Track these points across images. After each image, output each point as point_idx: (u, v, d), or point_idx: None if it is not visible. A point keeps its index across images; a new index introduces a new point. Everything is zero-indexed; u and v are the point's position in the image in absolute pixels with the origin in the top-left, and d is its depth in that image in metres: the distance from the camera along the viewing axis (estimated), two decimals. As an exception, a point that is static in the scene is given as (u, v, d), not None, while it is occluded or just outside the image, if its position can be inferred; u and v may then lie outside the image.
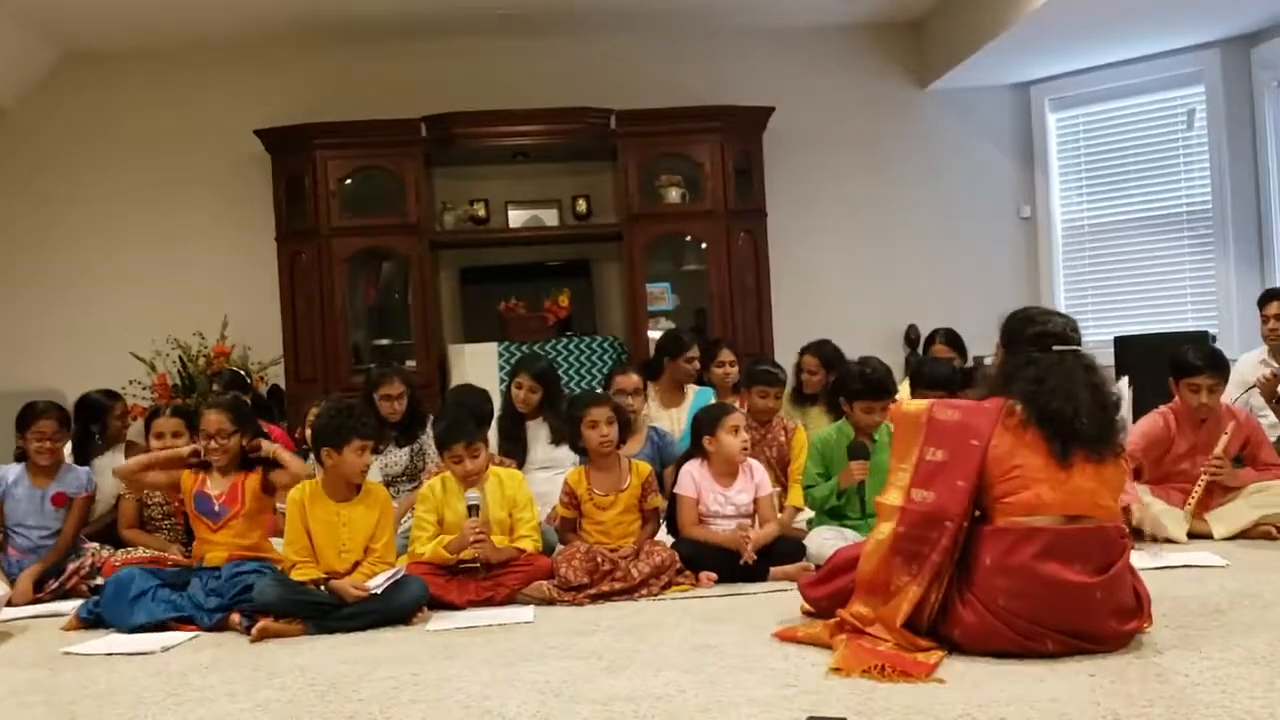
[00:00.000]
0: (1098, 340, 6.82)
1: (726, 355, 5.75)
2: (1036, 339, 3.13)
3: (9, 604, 4.13)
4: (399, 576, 3.75)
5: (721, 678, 2.86)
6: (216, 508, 4.04)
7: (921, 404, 3.20)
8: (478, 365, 6.62)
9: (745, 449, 4.23)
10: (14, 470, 4.68)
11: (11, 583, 4.35)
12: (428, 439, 5.22)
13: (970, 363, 6.03)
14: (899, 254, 7.47)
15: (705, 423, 4.27)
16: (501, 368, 6.62)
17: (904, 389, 5.33)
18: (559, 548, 4.36)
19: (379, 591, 3.67)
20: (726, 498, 4.24)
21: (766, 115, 7.00)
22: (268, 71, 7.13)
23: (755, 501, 4.25)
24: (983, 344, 5.49)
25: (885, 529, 3.05)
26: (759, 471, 4.32)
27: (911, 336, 7.27)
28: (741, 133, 6.98)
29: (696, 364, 5.69)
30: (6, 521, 4.63)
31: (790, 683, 2.78)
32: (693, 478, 4.25)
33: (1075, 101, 7.40)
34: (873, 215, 7.48)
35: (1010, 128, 7.56)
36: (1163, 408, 4.75)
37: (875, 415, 4.31)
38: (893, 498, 3.07)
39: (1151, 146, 7.17)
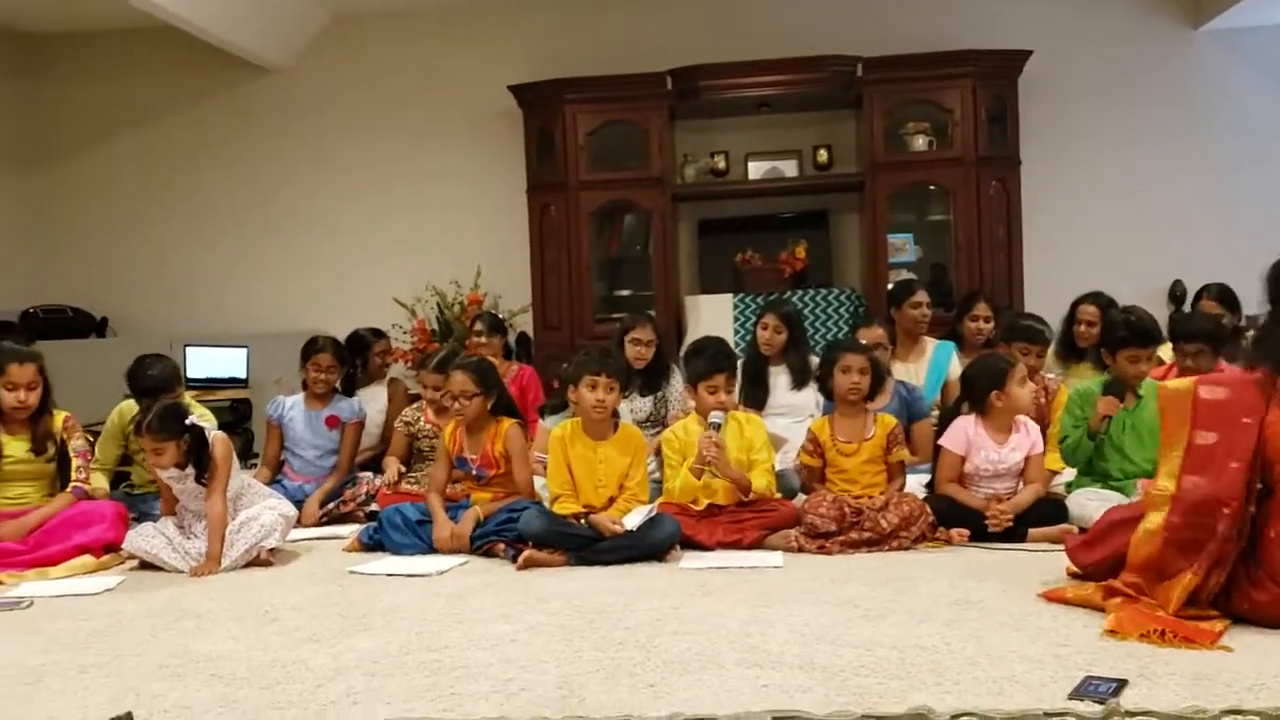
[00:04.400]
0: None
1: (982, 309, 5.54)
2: None
3: (296, 524, 4.48)
4: (653, 515, 3.86)
5: (987, 633, 2.81)
6: (475, 471, 4.24)
7: (1185, 383, 3.03)
8: (713, 316, 6.67)
9: (1035, 399, 4.11)
10: (293, 398, 5.12)
11: (296, 505, 4.74)
12: (671, 388, 5.34)
13: (1243, 321, 5.62)
14: (1165, 205, 7.01)
15: (990, 377, 4.09)
16: (736, 319, 6.65)
17: (1166, 350, 5.03)
18: (800, 496, 4.38)
19: (634, 529, 3.78)
20: (1000, 456, 4.10)
21: (1023, 59, 6.69)
22: (521, 28, 7.34)
23: (1026, 460, 4.11)
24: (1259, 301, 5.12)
25: (1156, 519, 2.89)
26: (1034, 429, 4.16)
27: (1177, 292, 6.84)
28: (995, 77, 6.70)
29: (925, 311, 5.51)
30: (285, 444, 5.07)
31: (1062, 642, 2.70)
32: (966, 434, 4.12)
33: (1374, 37, 6.72)
34: (1137, 164, 7.04)
35: (1294, 68, 6.96)
36: None
37: (1141, 365, 4.13)
38: (1164, 484, 2.92)
39: None
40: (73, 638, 3.07)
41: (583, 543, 3.79)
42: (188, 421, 3.98)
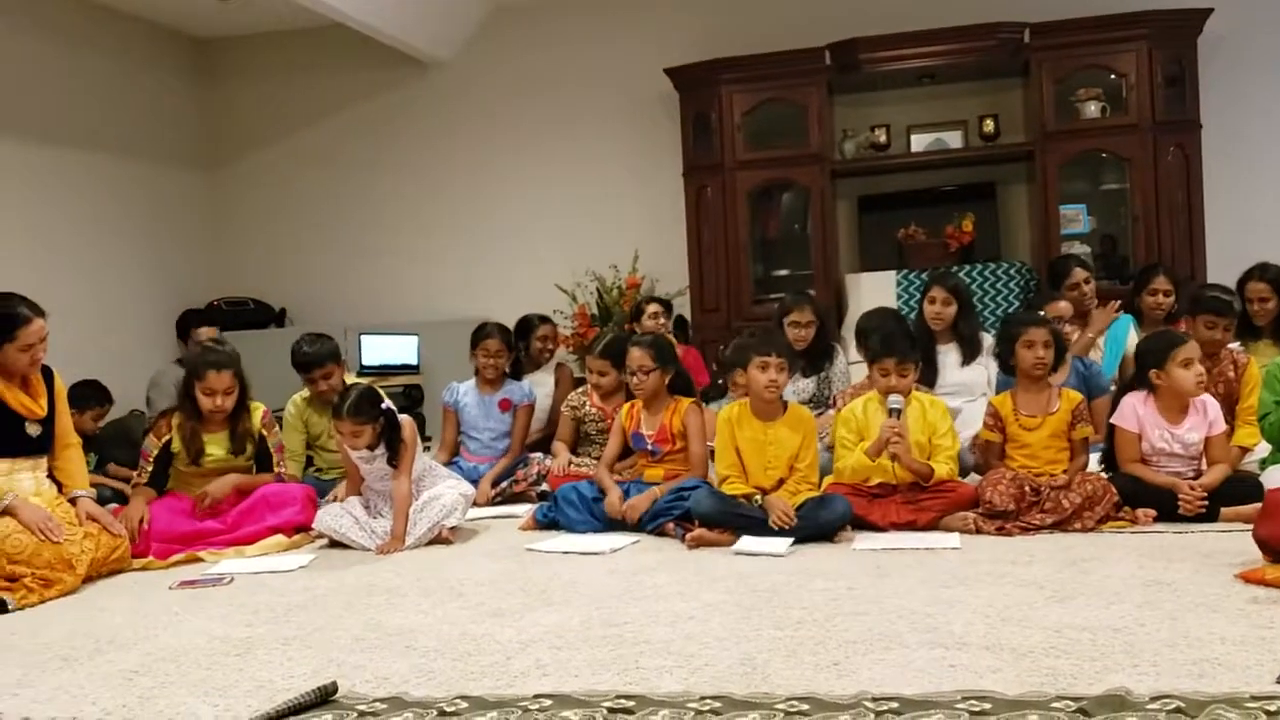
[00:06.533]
0: None
1: (1161, 283, 5.29)
2: None
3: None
4: (823, 495, 3.82)
5: (1183, 615, 2.70)
6: (651, 446, 4.31)
7: None
8: (875, 294, 6.54)
9: (1200, 383, 3.91)
10: (465, 384, 5.29)
11: (472, 484, 4.89)
12: (834, 369, 5.30)
13: None
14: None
15: (1153, 353, 3.95)
16: (899, 296, 6.53)
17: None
18: (973, 476, 4.28)
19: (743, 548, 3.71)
20: (1174, 435, 3.92)
21: (1202, 18, 6.34)
22: (676, 10, 7.35)
23: (1207, 440, 3.93)
24: None
25: None
26: (1213, 408, 3.96)
27: (1376, 260, 6.39)
28: (1172, 39, 6.38)
29: (1084, 289, 5.37)
30: (461, 427, 5.24)
31: (1266, 625, 2.58)
32: (1136, 412, 3.97)
33: None
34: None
35: None
36: None
37: None
38: None
39: None
40: (273, 611, 3.25)
41: (751, 523, 3.80)
42: (383, 405, 4.15)
